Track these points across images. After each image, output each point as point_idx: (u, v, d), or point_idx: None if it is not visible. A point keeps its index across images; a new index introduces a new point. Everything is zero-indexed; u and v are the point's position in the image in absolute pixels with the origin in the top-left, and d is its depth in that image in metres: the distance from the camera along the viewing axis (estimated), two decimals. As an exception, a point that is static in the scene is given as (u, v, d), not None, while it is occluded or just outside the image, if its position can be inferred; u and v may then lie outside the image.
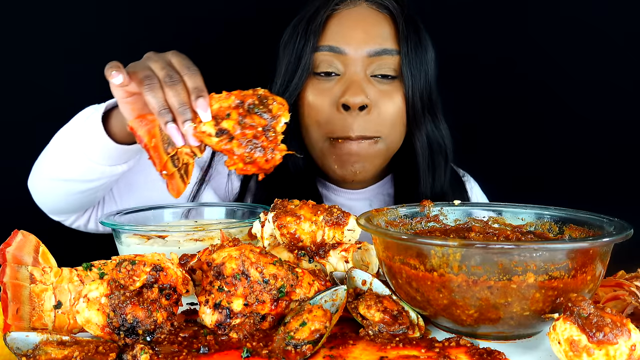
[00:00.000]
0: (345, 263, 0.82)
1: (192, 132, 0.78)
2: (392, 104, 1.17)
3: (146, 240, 0.93)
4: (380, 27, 1.17)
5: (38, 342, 0.61)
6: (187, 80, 0.79)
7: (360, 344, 0.65)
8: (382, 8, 1.19)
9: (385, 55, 1.15)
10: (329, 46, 1.15)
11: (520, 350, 0.65)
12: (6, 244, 0.68)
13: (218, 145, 0.78)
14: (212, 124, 0.78)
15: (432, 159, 1.24)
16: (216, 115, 0.78)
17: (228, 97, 0.79)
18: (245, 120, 0.78)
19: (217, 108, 0.78)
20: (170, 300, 0.67)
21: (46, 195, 1.11)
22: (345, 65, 1.15)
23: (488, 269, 0.61)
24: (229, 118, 0.78)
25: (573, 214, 0.77)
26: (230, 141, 0.78)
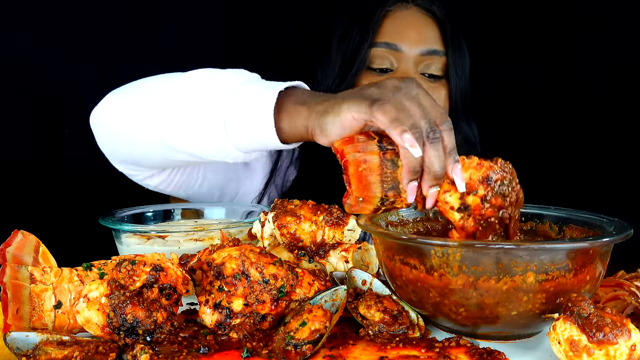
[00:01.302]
0: (345, 263, 0.82)
1: (435, 196, 0.71)
2: (441, 99, 1.24)
3: (146, 240, 0.93)
4: (429, 30, 1.25)
5: (38, 342, 0.61)
6: (446, 137, 0.71)
7: (360, 344, 0.65)
8: (429, 12, 1.27)
9: (435, 56, 1.24)
10: (386, 43, 1.23)
11: (520, 350, 0.65)
12: (6, 244, 0.68)
13: (459, 222, 0.71)
14: (457, 197, 0.71)
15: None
16: (467, 186, 0.71)
17: (479, 167, 0.71)
18: (491, 199, 0.71)
19: (467, 178, 0.71)
20: (170, 300, 0.67)
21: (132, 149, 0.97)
22: (398, 61, 1.23)
23: (488, 269, 0.61)
24: (475, 195, 0.70)
25: (573, 214, 0.77)
26: (468, 218, 0.71)
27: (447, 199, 0.71)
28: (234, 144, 0.84)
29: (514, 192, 0.72)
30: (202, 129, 0.84)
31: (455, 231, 0.72)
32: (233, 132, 0.83)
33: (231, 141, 0.84)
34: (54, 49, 1.55)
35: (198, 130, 0.85)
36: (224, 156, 0.87)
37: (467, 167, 0.71)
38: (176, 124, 0.87)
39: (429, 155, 0.69)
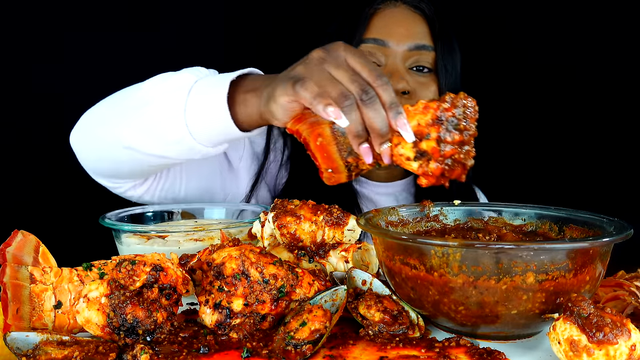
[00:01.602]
0: (345, 263, 0.82)
1: (389, 152, 0.72)
2: (429, 94, 1.26)
3: (146, 240, 0.93)
4: (418, 26, 1.28)
5: (38, 342, 0.61)
6: (382, 93, 0.71)
7: (360, 344, 0.65)
8: (418, 10, 1.29)
9: (423, 50, 1.25)
10: (374, 39, 1.25)
11: (520, 350, 0.65)
12: (6, 244, 0.68)
13: (419, 170, 0.71)
14: (411, 147, 0.71)
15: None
16: (416, 133, 0.71)
17: (426, 111, 0.71)
18: (446, 138, 0.70)
19: (416, 125, 0.71)
20: (170, 300, 0.67)
21: (105, 160, 1.00)
22: (387, 57, 1.25)
23: (488, 269, 0.61)
24: (428, 139, 0.70)
25: (573, 214, 0.77)
26: (428, 163, 0.71)
27: (401, 151, 0.71)
28: (198, 141, 0.88)
29: (472, 122, 0.71)
30: (166, 132, 0.88)
31: (421, 178, 0.73)
32: (195, 129, 0.87)
33: (195, 138, 0.87)
34: (53, 48, 1.55)
35: (164, 134, 0.89)
36: (193, 154, 0.90)
37: (413, 114, 0.71)
38: (143, 131, 0.91)
39: (367, 116, 0.70)
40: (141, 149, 0.92)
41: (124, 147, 0.93)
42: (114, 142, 0.95)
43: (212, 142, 0.89)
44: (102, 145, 0.97)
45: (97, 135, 0.98)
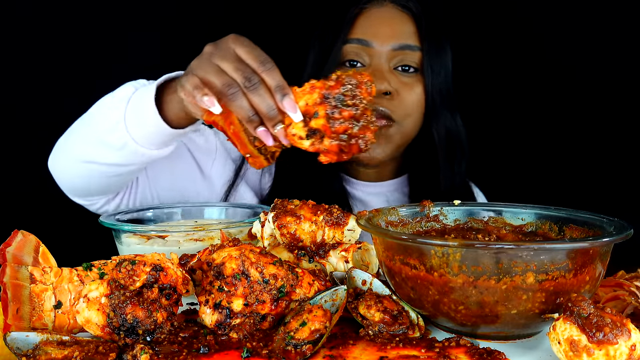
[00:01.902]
0: (345, 263, 0.82)
1: (283, 133, 0.75)
2: (413, 94, 1.24)
3: (146, 240, 0.93)
4: (403, 25, 1.25)
5: (38, 342, 0.61)
6: (267, 78, 0.75)
7: (360, 344, 0.65)
8: (405, 9, 1.27)
9: (408, 50, 1.23)
10: (358, 39, 1.23)
11: (520, 350, 0.65)
12: (6, 244, 0.68)
13: (311, 147, 0.75)
14: (301, 126, 0.75)
15: (450, 151, 1.30)
16: (305, 113, 0.74)
17: (312, 90, 0.74)
18: (334, 115, 0.73)
19: (304, 105, 0.74)
20: (170, 300, 0.67)
21: (75, 178, 1.07)
22: (371, 57, 1.23)
23: (488, 269, 0.61)
24: (317, 117, 0.74)
25: (573, 214, 0.77)
26: (321, 141, 0.75)
27: (294, 131, 0.75)
28: (141, 144, 0.95)
29: (362, 96, 0.74)
30: (112, 139, 0.96)
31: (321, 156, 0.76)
32: (135, 133, 0.94)
33: (137, 142, 0.94)
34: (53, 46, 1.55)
35: (110, 142, 0.96)
36: (140, 157, 0.97)
37: (300, 95, 0.74)
38: (93, 143, 0.98)
39: (253, 101, 0.75)
40: (95, 159, 1.00)
41: (84, 161, 1.01)
42: (75, 159, 1.02)
43: (153, 143, 0.96)
44: (69, 164, 1.05)
45: (64, 155, 1.05)
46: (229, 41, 0.78)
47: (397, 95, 1.22)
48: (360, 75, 0.75)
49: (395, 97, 1.21)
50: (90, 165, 1.01)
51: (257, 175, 1.32)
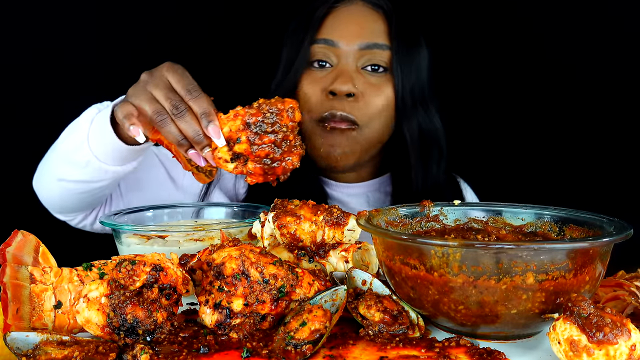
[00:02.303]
0: (345, 263, 0.82)
1: (211, 156, 0.81)
2: (380, 96, 1.21)
3: (146, 240, 0.93)
4: (373, 24, 1.23)
5: (38, 342, 0.61)
6: (193, 105, 0.81)
7: (360, 344, 0.65)
8: (376, 7, 1.25)
9: (376, 49, 1.21)
10: (325, 39, 1.22)
11: (520, 350, 0.65)
12: (6, 244, 0.68)
13: (235, 170, 0.80)
14: (226, 150, 0.80)
15: (424, 150, 1.28)
16: (228, 138, 0.80)
17: (235, 117, 0.79)
18: (256, 141, 0.79)
19: (228, 131, 0.79)
20: (170, 300, 0.67)
21: (53, 195, 1.12)
22: (338, 57, 1.22)
23: (488, 269, 0.61)
24: (240, 142, 0.79)
25: (573, 214, 0.77)
26: (245, 164, 0.80)
27: (219, 155, 0.80)
28: (103, 161, 1.00)
29: (284, 122, 0.79)
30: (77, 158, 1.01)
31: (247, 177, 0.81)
32: (97, 151, 0.99)
33: (100, 159, 1.00)
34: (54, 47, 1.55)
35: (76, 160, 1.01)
36: (104, 174, 1.02)
37: (225, 122, 0.80)
38: (63, 161, 1.04)
39: (181, 127, 0.80)
40: (66, 177, 1.05)
41: (57, 179, 1.07)
42: (51, 178, 1.08)
43: (114, 160, 1.00)
44: (46, 183, 1.10)
45: (43, 175, 1.11)
46: (163, 70, 0.84)
47: (362, 97, 1.20)
48: (282, 103, 0.80)
49: (359, 99, 1.19)
50: (63, 183, 1.07)
51: (231, 181, 1.32)
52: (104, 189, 1.10)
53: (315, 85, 1.22)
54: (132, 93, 0.86)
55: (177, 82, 0.82)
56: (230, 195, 1.32)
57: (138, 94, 0.84)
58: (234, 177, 1.32)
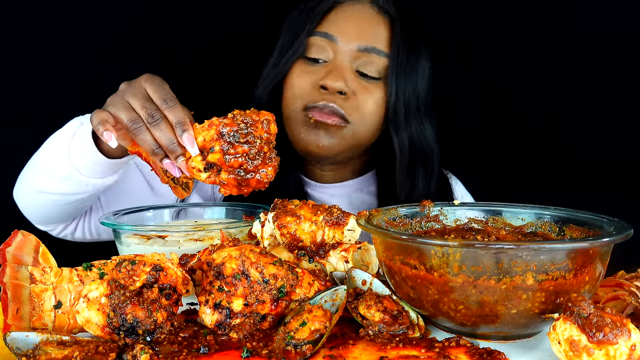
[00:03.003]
0: (345, 263, 0.82)
1: (185, 165, 0.81)
2: (372, 100, 1.19)
3: (146, 240, 0.93)
4: (376, 28, 1.20)
5: (38, 342, 0.61)
6: (169, 114, 0.82)
7: (360, 344, 0.65)
8: (383, 11, 1.22)
9: (373, 54, 1.19)
10: (324, 32, 1.20)
11: (520, 350, 0.65)
12: (6, 244, 0.68)
13: (208, 180, 0.81)
14: (199, 159, 0.80)
15: (412, 164, 1.25)
16: (202, 148, 0.80)
17: (209, 127, 0.80)
18: (229, 151, 0.79)
19: (202, 141, 0.80)
20: (170, 300, 0.67)
21: (33, 207, 1.14)
22: (334, 53, 1.19)
23: (488, 269, 0.61)
24: (213, 152, 0.79)
25: (573, 214, 0.77)
26: (218, 174, 0.80)
27: (193, 164, 0.80)
28: (84, 174, 1.01)
29: (258, 133, 0.80)
30: (58, 171, 1.02)
31: (220, 188, 0.81)
32: (78, 164, 1.00)
33: (81, 172, 1.01)
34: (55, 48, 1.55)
35: (57, 173, 1.02)
36: (85, 186, 1.03)
37: (200, 131, 0.80)
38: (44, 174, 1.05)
39: (155, 136, 0.81)
40: (47, 189, 1.06)
41: (38, 191, 1.08)
42: (32, 190, 1.09)
43: (94, 173, 1.02)
44: (27, 194, 1.12)
45: (24, 187, 1.12)
46: (141, 80, 0.85)
47: (354, 96, 1.17)
48: (257, 115, 0.81)
49: (351, 98, 1.17)
50: (44, 195, 1.08)
51: (209, 186, 1.31)
52: (85, 201, 1.11)
53: (305, 76, 1.20)
54: (110, 102, 0.86)
55: (154, 92, 0.83)
56: (208, 199, 1.32)
57: (115, 102, 0.85)
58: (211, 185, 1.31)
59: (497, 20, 1.67)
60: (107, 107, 0.86)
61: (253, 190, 0.83)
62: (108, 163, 1.00)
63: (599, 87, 1.63)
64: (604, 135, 1.64)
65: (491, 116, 1.69)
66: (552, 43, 1.65)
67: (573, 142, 1.66)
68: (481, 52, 1.67)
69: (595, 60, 1.62)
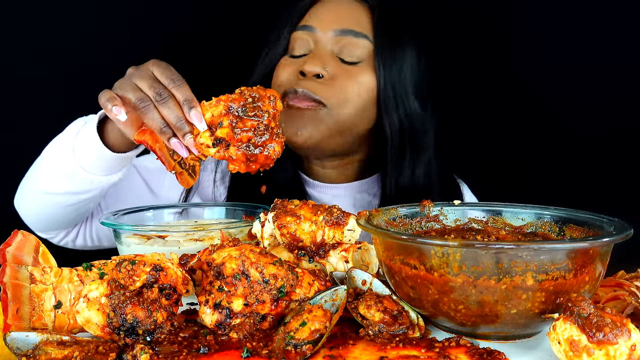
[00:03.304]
0: (345, 263, 0.82)
1: (192, 143, 0.82)
2: (355, 84, 1.17)
3: (146, 240, 0.93)
4: (355, 13, 1.21)
5: (38, 342, 0.61)
6: (176, 93, 0.83)
7: (360, 344, 0.65)
8: (362, 1, 1.23)
9: (351, 36, 1.18)
10: (304, 25, 1.21)
11: (520, 350, 0.65)
12: (6, 244, 0.68)
13: (217, 155, 0.82)
14: (207, 135, 0.81)
15: (405, 146, 1.23)
16: (210, 124, 0.81)
17: (217, 103, 0.81)
18: (237, 125, 0.80)
19: (210, 117, 0.81)
20: (170, 300, 0.67)
21: (35, 211, 1.14)
22: (315, 42, 1.20)
23: (488, 269, 0.61)
24: (222, 127, 0.80)
25: (573, 214, 0.77)
26: (227, 149, 0.81)
27: (201, 140, 0.81)
28: (89, 171, 1.02)
29: (266, 108, 0.81)
30: (63, 169, 1.03)
31: (229, 165, 0.83)
32: (82, 161, 1.01)
33: (86, 170, 1.02)
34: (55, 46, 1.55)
35: (62, 172, 1.03)
36: (90, 184, 1.04)
37: (207, 108, 0.81)
38: (49, 174, 1.05)
39: (163, 114, 0.82)
40: (51, 190, 1.06)
41: (43, 193, 1.08)
42: (36, 192, 1.09)
43: (99, 169, 1.03)
44: (31, 198, 1.12)
45: (27, 190, 1.12)
46: (148, 64, 0.87)
47: (333, 80, 1.16)
48: (263, 91, 0.83)
49: (329, 82, 1.16)
50: (48, 197, 1.08)
51: (210, 187, 1.31)
52: (89, 202, 1.11)
53: (287, 67, 1.21)
54: (117, 85, 0.88)
55: (161, 74, 0.85)
56: (208, 199, 1.32)
57: (123, 85, 0.87)
58: (212, 183, 1.31)
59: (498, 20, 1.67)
60: (115, 90, 0.87)
61: (260, 168, 0.84)
62: (113, 159, 1.00)
63: (599, 87, 1.63)
64: (604, 135, 1.64)
65: (490, 116, 1.69)
66: (552, 43, 1.65)
67: (573, 142, 1.66)
68: (481, 51, 1.67)
69: (595, 60, 1.62)
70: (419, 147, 1.25)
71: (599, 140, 1.65)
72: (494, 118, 1.69)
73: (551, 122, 1.68)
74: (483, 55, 1.67)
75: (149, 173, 1.28)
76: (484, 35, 1.66)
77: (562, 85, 1.65)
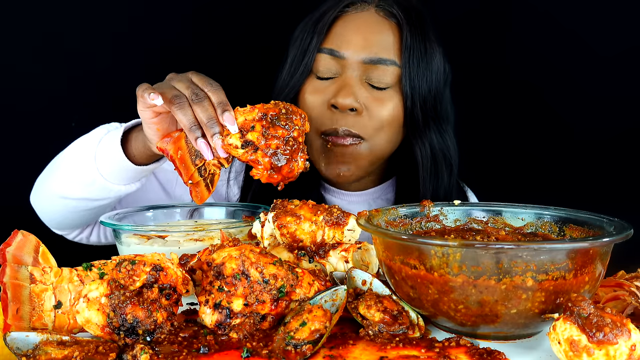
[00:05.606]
0: (345, 263, 0.82)
1: (220, 144, 0.83)
2: (384, 110, 1.17)
3: (146, 240, 0.93)
4: (382, 35, 1.18)
5: (38, 342, 0.61)
6: (212, 95, 0.85)
7: (360, 344, 0.65)
8: (389, 16, 1.19)
9: (380, 65, 1.16)
10: (330, 49, 1.17)
11: (520, 350, 0.65)
12: (6, 244, 0.68)
13: (244, 156, 0.83)
14: (237, 137, 0.83)
15: (434, 169, 1.24)
16: (241, 127, 0.83)
17: (252, 110, 0.84)
18: (268, 132, 0.83)
19: (242, 121, 0.83)
20: (170, 300, 0.67)
21: (52, 212, 1.15)
22: (342, 67, 1.17)
23: (488, 269, 0.61)
24: (253, 130, 0.83)
25: (573, 214, 0.77)
26: (255, 152, 0.83)
27: (230, 141, 0.83)
28: (109, 180, 1.03)
29: (296, 122, 0.85)
30: (83, 176, 1.04)
31: (253, 170, 0.85)
32: (103, 170, 1.02)
33: (106, 178, 1.03)
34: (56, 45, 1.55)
35: (81, 178, 1.04)
36: (109, 192, 1.05)
37: (241, 113, 0.84)
38: (67, 179, 1.06)
39: (196, 112, 0.84)
40: (69, 195, 1.07)
41: (60, 196, 1.09)
42: (52, 195, 1.10)
43: (119, 179, 1.04)
44: (47, 200, 1.12)
45: (43, 192, 1.13)
46: (188, 73, 0.90)
47: (366, 111, 1.15)
48: (296, 108, 0.87)
49: (363, 112, 1.15)
50: (65, 201, 1.09)
51: (223, 187, 1.31)
52: (105, 208, 1.12)
53: (317, 95, 1.19)
54: (156, 85, 0.89)
55: (200, 80, 0.87)
56: (221, 199, 1.32)
57: (161, 85, 0.89)
58: (225, 184, 1.31)
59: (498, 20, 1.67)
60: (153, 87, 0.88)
61: (282, 180, 0.86)
62: (134, 170, 1.02)
63: (599, 87, 1.63)
64: (604, 135, 1.64)
65: (490, 116, 1.69)
66: (552, 43, 1.65)
67: (573, 142, 1.66)
68: (481, 50, 1.66)
69: (595, 60, 1.62)
70: (449, 167, 1.26)
71: (599, 140, 1.65)
72: (494, 118, 1.69)
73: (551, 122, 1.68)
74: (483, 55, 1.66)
75: (164, 172, 1.27)
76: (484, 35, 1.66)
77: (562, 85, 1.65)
